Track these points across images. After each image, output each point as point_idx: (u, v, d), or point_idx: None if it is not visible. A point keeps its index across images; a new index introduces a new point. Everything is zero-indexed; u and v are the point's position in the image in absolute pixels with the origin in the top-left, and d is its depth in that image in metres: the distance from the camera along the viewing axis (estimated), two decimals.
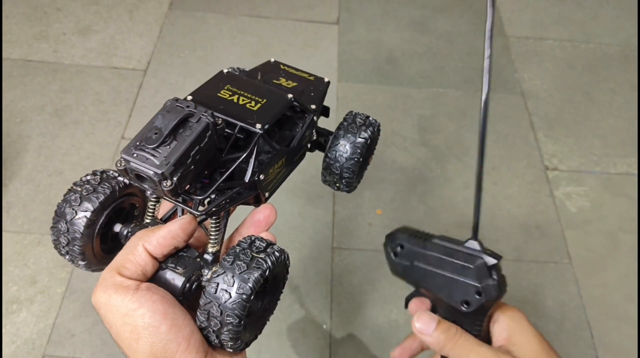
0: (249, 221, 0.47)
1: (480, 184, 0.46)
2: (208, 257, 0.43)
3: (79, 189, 0.43)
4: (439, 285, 0.46)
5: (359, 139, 0.52)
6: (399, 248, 0.48)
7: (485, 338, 0.47)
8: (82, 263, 0.44)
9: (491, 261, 0.44)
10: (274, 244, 0.41)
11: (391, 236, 0.48)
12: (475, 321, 0.46)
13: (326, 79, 0.57)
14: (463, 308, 0.44)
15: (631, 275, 1.31)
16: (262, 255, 0.39)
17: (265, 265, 0.38)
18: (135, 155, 0.37)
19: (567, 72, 1.79)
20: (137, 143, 0.37)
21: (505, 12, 1.97)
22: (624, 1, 2.05)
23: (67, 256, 0.44)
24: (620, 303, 1.27)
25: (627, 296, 1.28)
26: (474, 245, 0.45)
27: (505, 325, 0.46)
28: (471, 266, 0.44)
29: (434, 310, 0.49)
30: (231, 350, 0.40)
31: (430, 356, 0.51)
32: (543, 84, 1.74)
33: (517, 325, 0.46)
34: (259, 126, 0.44)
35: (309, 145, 0.54)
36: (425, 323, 0.46)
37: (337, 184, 0.55)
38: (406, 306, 0.51)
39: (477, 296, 0.44)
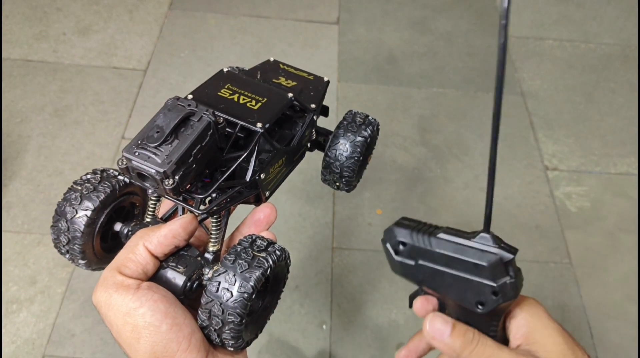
0: (249, 220, 0.47)
1: (493, 172, 0.39)
2: (209, 256, 0.43)
3: (80, 188, 0.43)
4: (448, 285, 0.40)
5: (359, 138, 0.52)
6: (400, 246, 0.42)
7: (502, 336, 0.42)
8: (83, 262, 0.44)
9: (507, 256, 0.38)
10: (275, 243, 0.41)
11: (390, 232, 0.42)
12: (491, 321, 0.41)
13: (325, 79, 0.57)
14: (478, 310, 0.39)
15: (631, 275, 1.31)
16: (263, 254, 0.39)
17: (266, 264, 0.38)
18: (137, 154, 0.37)
19: (567, 72, 1.79)
20: (139, 142, 0.37)
21: None
22: (624, 1, 2.05)
23: (68, 255, 0.44)
24: (620, 303, 1.27)
25: (627, 296, 1.28)
26: (485, 238, 0.39)
27: (523, 321, 0.41)
28: (485, 264, 0.39)
29: (441, 308, 0.44)
30: (232, 349, 0.40)
31: (438, 356, 0.49)
32: (543, 84, 1.74)
33: (537, 321, 0.41)
34: (259, 125, 0.44)
35: (308, 144, 0.54)
36: (438, 328, 0.40)
37: (337, 184, 0.55)
38: (410, 305, 0.46)
39: (494, 297, 0.39)
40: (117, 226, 0.45)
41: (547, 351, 0.39)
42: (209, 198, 0.42)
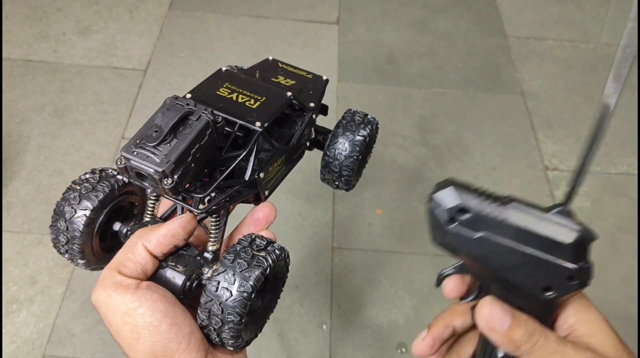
0: (248, 220, 0.47)
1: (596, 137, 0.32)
2: (208, 255, 0.43)
3: (78, 187, 0.43)
4: (513, 266, 0.34)
5: (358, 137, 0.52)
6: (459, 213, 0.35)
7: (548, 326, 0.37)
8: (82, 261, 0.44)
9: (592, 236, 0.33)
10: (275, 242, 0.41)
11: (447, 194, 0.36)
12: (548, 313, 0.36)
13: (324, 77, 0.57)
14: (546, 296, 0.34)
15: (631, 275, 1.31)
16: (262, 253, 0.39)
17: (266, 263, 0.38)
18: (135, 153, 0.37)
19: (567, 72, 1.79)
20: (138, 141, 0.37)
21: (505, 12, 1.97)
22: (624, 1, 2.05)
23: (67, 255, 0.44)
24: (620, 303, 1.26)
25: (627, 296, 1.28)
26: (566, 213, 0.33)
27: (572, 311, 0.37)
28: (569, 241, 0.33)
29: (479, 292, 0.38)
30: (232, 349, 0.40)
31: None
32: (543, 84, 1.74)
33: (587, 313, 0.37)
34: (258, 124, 0.44)
35: (308, 143, 0.54)
36: (498, 317, 0.35)
37: (336, 183, 0.55)
38: (438, 284, 0.39)
39: (569, 282, 0.34)
40: (116, 226, 0.45)
41: (602, 346, 0.36)
42: (208, 198, 0.42)
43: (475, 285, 0.39)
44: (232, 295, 0.37)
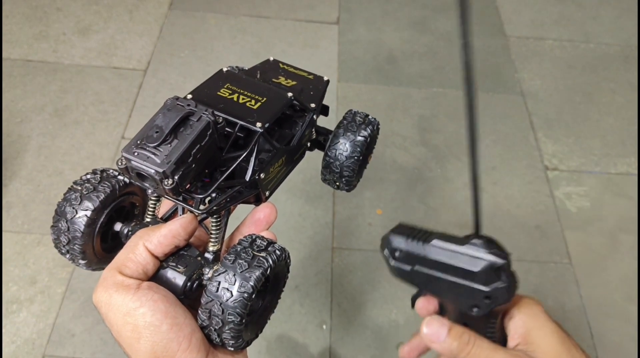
0: (249, 220, 0.47)
1: (476, 177, 0.39)
2: (209, 256, 0.43)
3: (79, 188, 0.43)
4: (444, 290, 0.41)
5: (359, 138, 0.52)
6: (397, 252, 0.43)
7: (501, 336, 0.43)
8: (83, 262, 0.44)
9: (498, 262, 0.39)
10: (275, 243, 0.41)
11: (386, 239, 0.44)
12: (488, 323, 0.42)
13: (325, 78, 0.57)
14: (473, 313, 0.41)
15: (631, 275, 1.31)
16: (263, 254, 0.39)
17: (266, 264, 0.38)
18: (136, 154, 0.37)
19: (567, 72, 1.79)
20: (138, 142, 0.37)
21: (505, 12, 1.97)
22: (624, 1, 2.05)
23: (68, 256, 0.44)
24: (620, 303, 1.27)
25: (627, 296, 1.28)
26: (476, 244, 0.40)
27: (521, 322, 0.42)
28: (476, 270, 0.39)
29: (442, 308, 0.45)
30: (232, 349, 0.40)
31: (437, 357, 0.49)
32: (543, 84, 1.74)
33: (534, 321, 0.42)
34: (259, 124, 0.44)
35: (308, 144, 0.54)
36: (435, 330, 0.41)
37: (337, 183, 0.55)
38: (413, 305, 0.47)
39: (487, 301, 0.40)
40: (117, 226, 0.45)
41: (543, 352, 0.40)
42: (209, 198, 0.42)
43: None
44: (232, 295, 0.37)
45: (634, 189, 1.48)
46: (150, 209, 0.45)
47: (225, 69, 0.52)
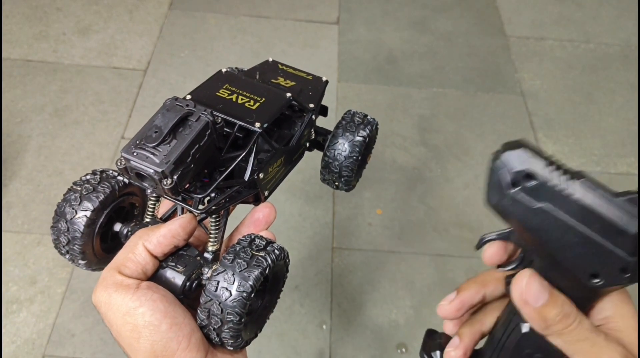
0: (248, 220, 0.47)
1: None
2: (208, 256, 0.43)
3: (79, 188, 0.43)
4: (567, 244, 0.32)
5: (358, 138, 0.52)
6: (524, 179, 0.33)
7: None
8: (82, 262, 0.44)
9: None
10: (274, 242, 0.41)
11: (516, 156, 0.33)
12: (586, 302, 0.35)
13: (324, 78, 0.57)
14: (592, 283, 0.33)
15: None
16: (262, 253, 0.39)
17: (265, 263, 0.38)
18: (135, 154, 0.37)
19: (567, 72, 1.79)
20: (137, 142, 0.37)
21: (505, 12, 1.97)
22: (624, 1, 2.05)
23: (67, 256, 0.44)
24: None
25: None
26: (633, 203, 0.31)
27: (610, 304, 0.36)
28: (632, 231, 0.31)
29: (519, 262, 0.37)
30: (232, 348, 0.40)
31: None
32: (543, 84, 1.74)
33: (625, 308, 0.36)
34: (258, 124, 0.44)
35: (307, 144, 0.54)
36: (534, 291, 0.33)
37: (336, 183, 0.55)
38: (479, 247, 0.38)
39: (622, 274, 0.32)
40: (117, 227, 0.45)
41: (633, 343, 0.34)
42: (208, 198, 0.42)
43: (517, 255, 0.37)
44: (231, 294, 0.37)
45: (634, 189, 1.48)
46: (149, 209, 0.45)
47: (224, 70, 0.52)
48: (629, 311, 0.36)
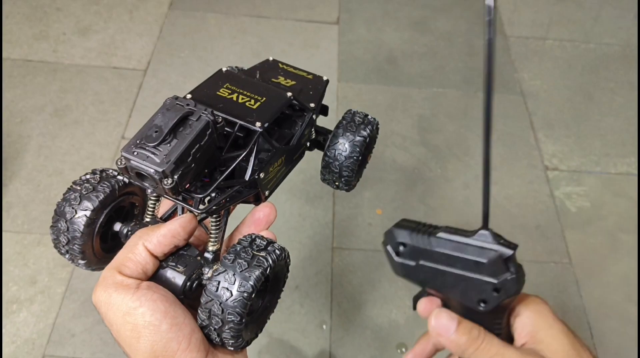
0: (249, 220, 0.47)
1: (488, 169, 0.37)
2: (208, 256, 0.43)
3: (79, 188, 0.43)
4: (450, 284, 0.40)
5: (358, 138, 0.52)
6: (400, 247, 0.41)
7: (507, 334, 0.42)
8: (82, 262, 0.44)
9: (507, 252, 0.38)
10: (275, 242, 0.41)
11: (390, 234, 0.42)
12: (494, 319, 0.41)
13: (325, 78, 0.57)
14: (480, 308, 0.39)
15: (631, 275, 1.31)
16: (263, 253, 0.39)
17: (266, 263, 0.38)
18: (135, 153, 0.37)
19: (567, 72, 1.79)
20: (138, 141, 0.37)
21: (505, 12, 1.97)
22: (624, 1, 2.05)
23: (67, 255, 0.44)
24: (620, 303, 1.26)
25: (627, 296, 1.28)
26: (484, 235, 0.38)
27: (528, 320, 0.41)
28: (485, 261, 0.38)
29: (446, 308, 0.43)
30: (232, 349, 0.40)
31: (447, 356, 0.48)
32: (543, 84, 1.74)
33: (542, 320, 0.41)
34: (258, 124, 0.44)
35: (308, 144, 0.54)
36: (444, 324, 0.39)
37: (337, 183, 0.55)
38: (414, 307, 0.45)
39: (495, 294, 0.38)
40: (117, 226, 0.45)
41: (552, 351, 0.39)
42: (209, 198, 0.42)
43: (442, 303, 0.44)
44: (232, 295, 0.37)
45: (634, 189, 1.48)
46: (149, 209, 0.45)
47: (224, 69, 0.52)
48: (546, 322, 0.41)
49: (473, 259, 0.38)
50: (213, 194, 0.42)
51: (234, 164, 0.43)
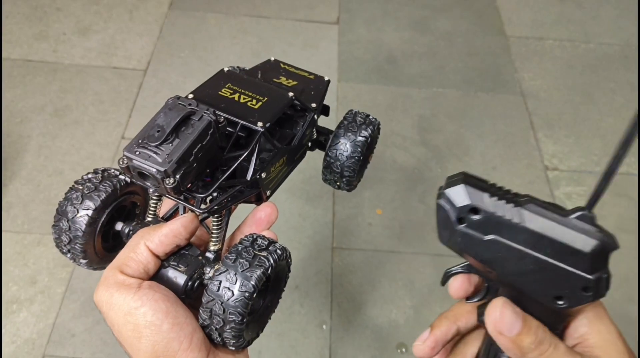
0: (250, 220, 0.47)
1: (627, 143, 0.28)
2: (210, 255, 0.43)
3: (81, 187, 0.43)
4: (523, 272, 0.32)
5: (360, 138, 0.52)
6: (470, 213, 0.32)
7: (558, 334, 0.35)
8: (84, 261, 0.44)
9: (612, 245, 0.30)
10: (276, 242, 0.41)
11: (457, 192, 0.32)
12: (560, 322, 0.34)
13: (326, 78, 0.57)
14: (557, 305, 0.32)
15: (631, 275, 1.31)
16: (264, 253, 0.39)
17: (267, 263, 0.38)
18: (137, 153, 0.37)
19: (567, 72, 1.79)
20: (140, 141, 0.37)
21: (505, 12, 1.97)
22: (624, 1, 2.05)
23: (69, 255, 0.44)
24: (620, 303, 1.27)
25: (627, 296, 1.28)
26: (587, 217, 0.31)
27: (585, 321, 0.35)
28: (586, 250, 0.30)
29: (485, 292, 0.36)
30: (233, 348, 0.40)
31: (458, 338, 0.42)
32: (543, 84, 1.74)
33: (600, 323, 0.35)
34: (260, 124, 0.44)
35: (309, 144, 0.54)
36: (508, 320, 0.32)
37: (338, 183, 0.55)
38: (444, 282, 0.37)
39: (584, 293, 0.31)
40: (119, 226, 0.45)
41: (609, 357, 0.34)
42: (210, 197, 0.42)
43: (482, 285, 0.37)
44: (233, 294, 0.37)
45: (634, 189, 1.48)
46: (151, 208, 0.45)
47: (226, 69, 0.52)
48: (604, 327, 0.35)
49: (570, 246, 0.30)
50: (215, 194, 0.42)
51: (236, 164, 0.43)
